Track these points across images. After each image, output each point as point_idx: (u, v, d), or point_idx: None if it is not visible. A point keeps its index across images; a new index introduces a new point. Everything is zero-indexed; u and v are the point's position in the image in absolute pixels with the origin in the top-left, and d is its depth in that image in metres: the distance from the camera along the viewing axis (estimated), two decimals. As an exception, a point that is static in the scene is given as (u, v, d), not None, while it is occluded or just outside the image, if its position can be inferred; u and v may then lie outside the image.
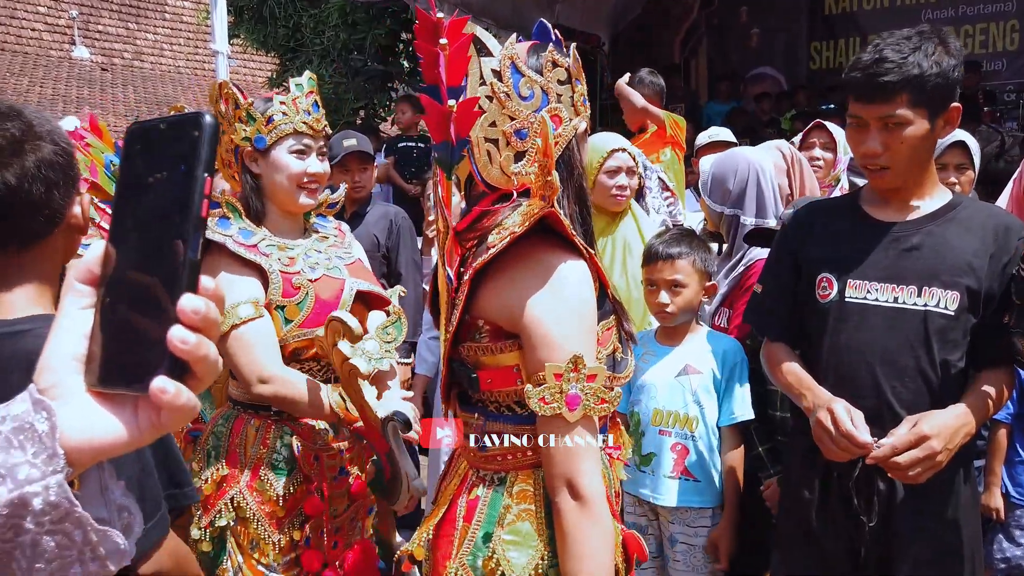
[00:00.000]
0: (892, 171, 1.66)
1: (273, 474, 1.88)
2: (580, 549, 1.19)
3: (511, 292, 1.23)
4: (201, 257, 0.55)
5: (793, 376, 1.75)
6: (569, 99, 1.30)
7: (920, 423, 1.54)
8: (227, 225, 1.89)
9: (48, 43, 15.84)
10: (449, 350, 1.33)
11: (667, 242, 2.23)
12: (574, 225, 1.29)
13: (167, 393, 0.53)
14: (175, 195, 0.55)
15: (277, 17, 8.10)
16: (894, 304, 1.67)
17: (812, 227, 1.82)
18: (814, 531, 1.75)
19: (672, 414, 2.19)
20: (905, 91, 1.59)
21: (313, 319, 1.86)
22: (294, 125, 1.90)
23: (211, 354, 0.55)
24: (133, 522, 0.62)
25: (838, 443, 1.57)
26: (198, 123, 0.56)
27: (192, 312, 0.53)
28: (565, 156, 1.31)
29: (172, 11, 17.68)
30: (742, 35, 8.77)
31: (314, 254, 1.96)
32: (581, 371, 1.19)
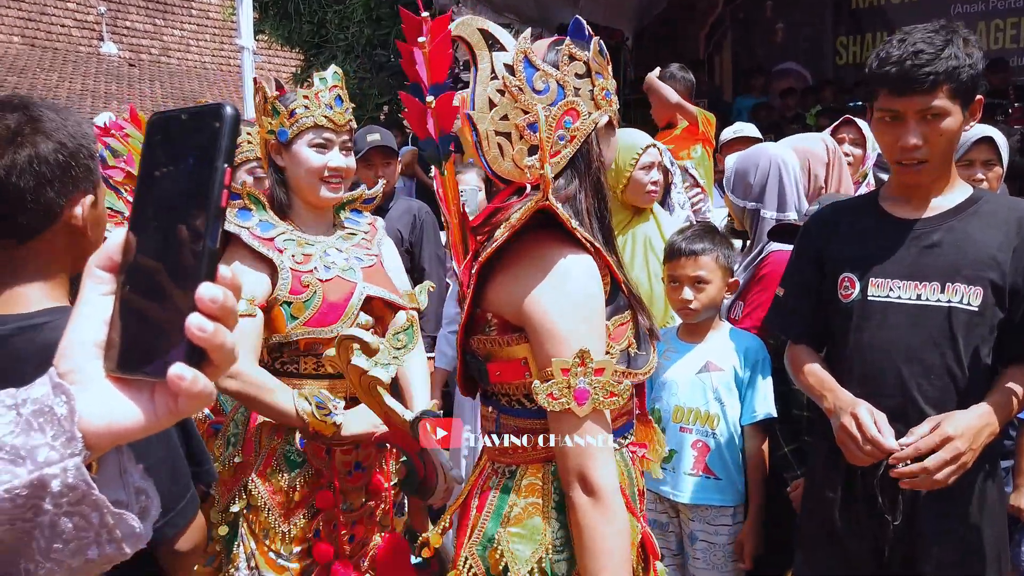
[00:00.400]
0: (930, 164, 1.65)
1: (285, 465, 1.91)
2: (594, 544, 1.19)
3: (516, 286, 1.25)
4: (222, 247, 0.56)
5: (814, 377, 1.75)
6: (588, 93, 1.30)
7: (943, 424, 1.53)
8: (247, 216, 1.91)
9: (77, 39, 16.05)
10: (462, 342, 1.35)
11: (690, 238, 2.22)
12: (590, 219, 1.29)
13: (184, 380, 0.54)
14: (195, 185, 0.56)
15: (302, 13, 8.14)
16: (917, 301, 1.66)
17: (833, 227, 1.81)
18: (837, 531, 1.74)
19: (693, 411, 2.19)
20: (945, 83, 1.58)
21: (319, 319, 1.87)
22: (315, 119, 1.91)
23: (228, 342, 0.56)
24: (151, 505, 0.63)
25: (863, 449, 1.56)
26: (219, 114, 0.56)
27: (210, 300, 0.54)
28: (583, 150, 1.30)
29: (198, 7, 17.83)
30: (767, 30, 8.70)
31: (333, 253, 1.97)
32: (588, 365, 1.19)
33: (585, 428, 1.21)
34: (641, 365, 1.32)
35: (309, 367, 1.92)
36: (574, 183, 1.30)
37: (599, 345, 1.22)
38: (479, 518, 1.34)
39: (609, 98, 1.32)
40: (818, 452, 1.85)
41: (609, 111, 1.33)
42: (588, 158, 1.32)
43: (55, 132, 1.16)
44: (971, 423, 1.54)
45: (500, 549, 1.29)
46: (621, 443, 1.37)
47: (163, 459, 1.19)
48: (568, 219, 1.22)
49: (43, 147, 1.15)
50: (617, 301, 1.31)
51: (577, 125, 1.29)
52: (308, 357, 1.91)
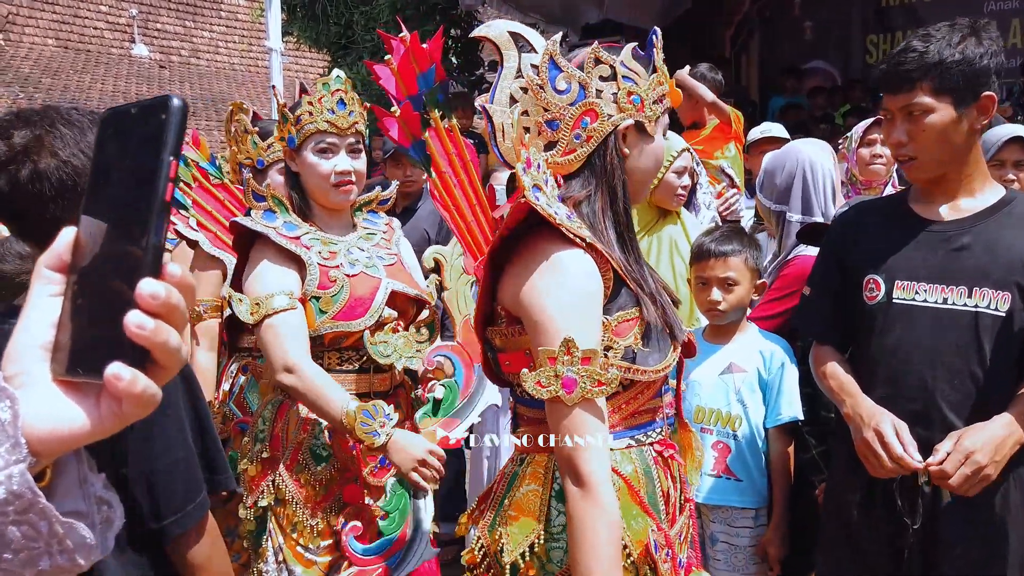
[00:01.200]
0: (919, 161, 1.65)
1: (312, 459, 1.96)
2: (581, 534, 1.21)
3: (516, 280, 1.30)
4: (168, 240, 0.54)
5: (835, 381, 1.75)
6: (611, 95, 1.33)
7: (964, 439, 1.53)
8: (272, 218, 1.98)
9: (109, 41, 16.31)
10: (480, 333, 1.42)
11: (719, 239, 2.22)
12: (603, 218, 1.34)
13: (122, 380, 0.52)
14: (141, 179, 0.54)
15: (329, 14, 8.21)
16: (943, 305, 1.64)
17: (859, 228, 1.80)
18: (857, 534, 1.74)
19: (714, 412, 2.18)
20: (924, 79, 1.58)
21: (346, 313, 1.93)
22: (317, 124, 1.95)
23: (172, 341, 0.54)
24: (114, 516, 0.61)
25: (886, 466, 1.57)
26: (166, 107, 0.55)
27: (150, 296, 0.52)
28: (600, 150, 1.34)
29: (228, 9, 18.04)
30: (795, 28, 8.61)
31: (356, 251, 2.02)
32: (574, 354, 1.21)
33: (575, 417, 1.23)
34: (652, 364, 1.33)
35: (333, 362, 1.98)
36: (591, 183, 1.35)
37: (588, 336, 1.24)
38: (491, 501, 1.41)
39: (637, 103, 1.34)
40: (838, 455, 1.84)
41: (637, 116, 1.35)
42: (605, 159, 1.35)
43: (62, 149, 1.19)
44: (993, 436, 1.53)
45: (499, 530, 1.35)
46: (642, 440, 1.38)
47: (177, 461, 1.22)
48: (553, 216, 1.25)
49: (44, 164, 1.18)
50: (621, 298, 1.33)
51: (595, 126, 1.33)
52: (332, 352, 1.97)
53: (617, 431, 1.35)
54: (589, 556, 1.20)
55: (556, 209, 1.28)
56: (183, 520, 1.23)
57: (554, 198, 1.31)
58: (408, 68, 1.77)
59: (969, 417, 1.61)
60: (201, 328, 2.60)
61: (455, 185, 1.89)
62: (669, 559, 1.34)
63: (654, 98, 1.36)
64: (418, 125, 1.80)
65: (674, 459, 1.43)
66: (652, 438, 1.40)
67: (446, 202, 1.88)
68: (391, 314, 2.00)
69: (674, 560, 1.35)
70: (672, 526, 1.40)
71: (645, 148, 1.38)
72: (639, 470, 1.36)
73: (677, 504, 1.44)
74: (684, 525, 1.44)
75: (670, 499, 1.41)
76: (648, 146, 1.38)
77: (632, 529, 1.31)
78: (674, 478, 1.43)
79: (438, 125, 1.86)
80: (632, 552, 1.30)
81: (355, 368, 1.99)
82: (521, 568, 1.31)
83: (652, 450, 1.39)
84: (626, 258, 1.35)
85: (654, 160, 1.39)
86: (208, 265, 2.62)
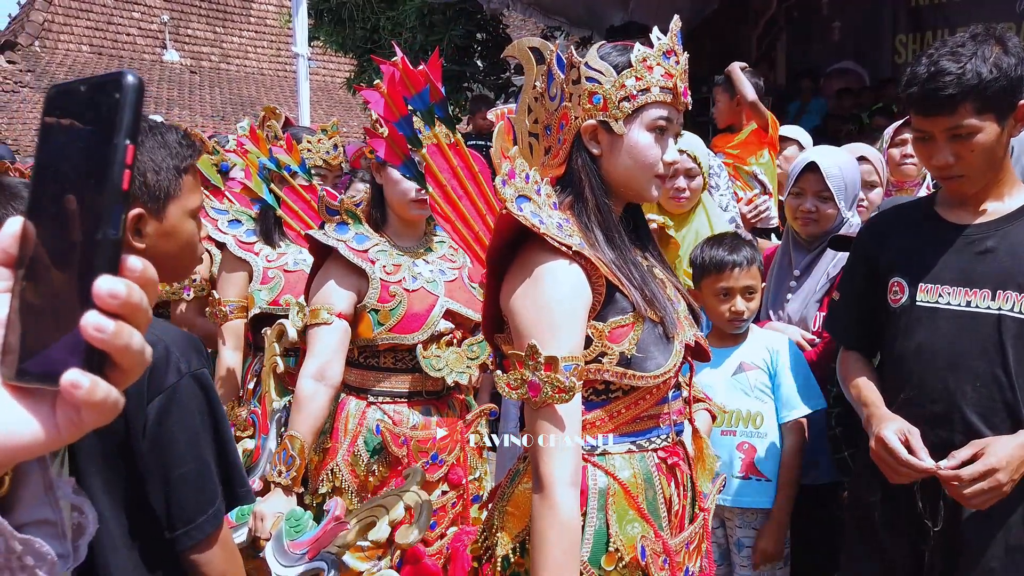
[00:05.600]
0: (968, 178, 1.63)
1: (365, 451, 2.09)
2: (537, 535, 1.24)
3: (508, 288, 1.34)
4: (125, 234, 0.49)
5: (857, 390, 1.74)
6: (578, 98, 1.36)
7: (987, 454, 1.51)
8: (344, 230, 2.11)
9: (141, 47, 16.59)
10: (490, 339, 1.47)
11: (733, 249, 2.21)
12: (589, 221, 1.37)
13: (80, 389, 0.47)
14: (93, 166, 0.49)
15: (355, 19, 8.27)
16: (967, 308, 1.63)
17: (886, 232, 1.79)
18: (878, 535, 1.73)
19: (734, 413, 2.18)
20: (967, 101, 1.54)
21: (402, 326, 2.08)
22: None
23: (134, 343, 0.49)
24: (86, 522, 0.58)
25: (897, 471, 1.56)
26: (119, 84, 0.49)
27: (108, 295, 0.47)
28: (574, 153, 1.39)
29: (257, 15, 18.27)
30: (823, 29, 8.52)
31: (421, 264, 2.17)
32: (538, 359, 1.24)
33: (541, 421, 1.26)
34: (651, 369, 1.33)
35: (388, 361, 2.14)
36: (572, 186, 1.39)
37: (552, 344, 1.25)
38: (498, 496, 1.46)
39: (599, 103, 1.35)
40: (860, 456, 1.83)
41: (599, 116, 1.35)
42: (577, 162, 1.39)
43: None
44: (1015, 453, 1.51)
45: (494, 524, 1.40)
46: (643, 446, 1.39)
47: (189, 472, 1.22)
48: (537, 226, 1.28)
49: None
50: (616, 303, 1.33)
51: (567, 129, 1.38)
52: (387, 354, 2.14)
53: (616, 436, 1.37)
54: (540, 555, 1.23)
55: (545, 217, 1.30)
56: (194, 531, 1.23)
57: (548, 206, 1.34)
58: (397, 90, 1.90)
59: (991, 420, 1.59)
60: (227, 328, 2.64)
61: (460, 197, 1.97)
62: (667, 567, 1.34)
63: (622, 96, 1.34)
64: (405, 144, 1.93)
65: (679, 467, 1.43)
66: (655, 444, 1.40)
67: (447, 214, 1.96)
68: (448, 326, 2.13)
69: (674, 569, 1.35)
70: (677, 534, 1.40)
71: (618, 146, 1.37)
72: (639, 476, 1.37)
73: (686, 513, 1.44)
74: (696, 534, 1.44)
75: (672, 506, 1.41)
76: (622, 143, 1.37)
77: (626, 534, 1.32)
78: (679, 485, 1.43)
79: (439, 141, 1.92)
80: (624, 556, 1.31)
81: (408, 367, 2.13)
82: (512, 561, 1.35)
83: (655, 456, 1.40)
84: (619, 258, 1.36)
85: (632, 157, 1.37)
86: (235, 267, 2.67)
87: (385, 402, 2.12)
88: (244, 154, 2.73)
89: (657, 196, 1.43)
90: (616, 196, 1.41)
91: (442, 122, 1.95)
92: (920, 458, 1.55)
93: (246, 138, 2.75)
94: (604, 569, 1.31)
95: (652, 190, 1.40)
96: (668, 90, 1.36)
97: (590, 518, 1.33)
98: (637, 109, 1.35)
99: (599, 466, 1.36)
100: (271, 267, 2.66)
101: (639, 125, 1.36)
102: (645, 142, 1.36)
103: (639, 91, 1.34)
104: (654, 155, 1.37)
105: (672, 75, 1.36)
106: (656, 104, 1.36)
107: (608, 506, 1.34)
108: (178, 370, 1.21)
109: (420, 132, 1.93)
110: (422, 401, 2.16)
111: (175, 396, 1.20)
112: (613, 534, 1.32)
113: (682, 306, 1.47)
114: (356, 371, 2.14)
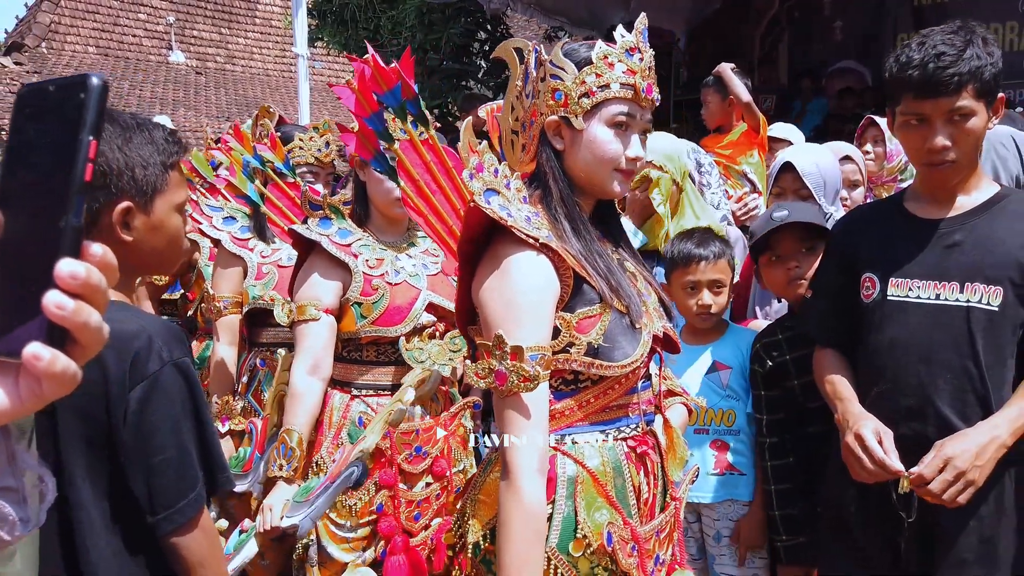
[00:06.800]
0: (958, 164, 1.65)
1: (350, 443, 2.08)
2: (501, 522, 1.28)
3: (477, 281, 1.38)
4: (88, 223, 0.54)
5: (831, 386, 1.77)
6: (544, 94, 1.41)
7: (944, 446, 1.54)
8: (328, 225, 2.14)
9: (147, 48, 16.66)
10: (463, 331, 1.50)
11: (702, 242, 2.22)
12: (557, 212, 1.40)
13: (41, 360, 0.52)
14: (59, 158, 0.54)
15: (358, 20, 8.32)
16: (936, 301, 1.65)
17: (858, 230, 1.82)
18: (853, 528, 1.75)
19: (707, 412, 2.20)
20: (970, 83, 1.58)
21: (384, 319, 2.10)
22: None
23: (92, 321, 0.53)
24: (47, 490, 0.62)
25: (867, 470, 1.59)
26: (85, 85, 0.55)
27: (69, 277, 0.52)
28: (540, 149, 1.43)
29: (262, 16, 18.33)
30: (825, 28, 8.52)
31: (404, 258, 2.19)
32: (504, 349, 1.27)
33: (508, 410, 1.29)
34: (619, 359, 1.36)
35: (371, 355, 2.16)
36: (539, 180, 1.43)
37: (519, 333, 1.28)
38: (471, 485, 1.49)
39: (560, 99, 1.39)
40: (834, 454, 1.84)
41: (560, 112, 1.39)
42: (543, 156, 1.43)
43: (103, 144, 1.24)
44: (973, 441, 1.53)
45: (466, 512, 1.43)
46: (613, 435, 1.42)
47: (170, 458, 1.26)
48: (504, 218, 1.31)
49: None
50: (583, 294, 1.37)
51: (535, 125, 1.42)
52: (370, 347, 2.16)
53: (585, 425, 1.39)
54: (505, 542, 1.26)
55: (514, 211, 1.33)
56: (175, 515, 1.26)
57: (518, 200, 1.37)
58: (368, 86, 1.96)
59: (964, 413, 1.61)
60: (222, 323, 2.68)
61: (434, 192, 2.01)
62: (636, 554, 1.36)
63: (581, 92, 1.38)
64: (375, 139, 2.00)
65: (649, 456, 1.45)
66: (625, 433, 1.43)
67: (420, 209, 2.01)
68: (430, 319, 2.15)
69: (643, 556, 1.37)
70: (647, 522, 1.42)
71: (578, 141, 1.41)
72: (608, 464, 1.39)
73: (657, 501, 1.46)
74: (666, 523, 1.46)
75: (642, 495, 1.43)
76: (582, 138, 1.40)
77: (594, 521, 1.35)
78: (649, 474, 1.45)
79: (412, 136, 1.96)
80: (592, 543, 1.34)
81: (391, 360, 2.15)
82: (483, 548, 1.38)
83: (624, 445, 1.42)
84: (585, 249, 1.39)
85: (591, 152, 1.40)
86: (230, 262, 2.71)
87: (368, 395, 2.14)
88: (228, 152, 2.77)
89: (620, 191, 1.45)
90: (582, 191, 1.45)
91: (415, 118, 1.98)
92: (891, 460, 1.57)
93: (229, 135, 2.79)
94: (572, 555, 1.34)
95: (614, 185, 1.43)
96: (629, 86, 1.39)
97: (559, 505, 1.35)
98: (596, 105, 1.38)
99: (568, 454, 1.38)
100: (265, 263, 2.69)
101: (598, 121, 1.39)
102: (604, 137, 1.39)
103: (598, 87, 1.38)
104: (613, 150, 1.40)
105: (635, 72, 1.39)
106: (616, 100, 1.39)
107: (577, 494, 1.36)
108: (160, 358, 1.25)
109: (391, 127, 1.97)
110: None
111: (157, 384, 1.24)
112: (581, 521, 1.35)
113: (652, 299, 1.50)
114: (340, 364, 2.17)
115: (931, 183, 1.73)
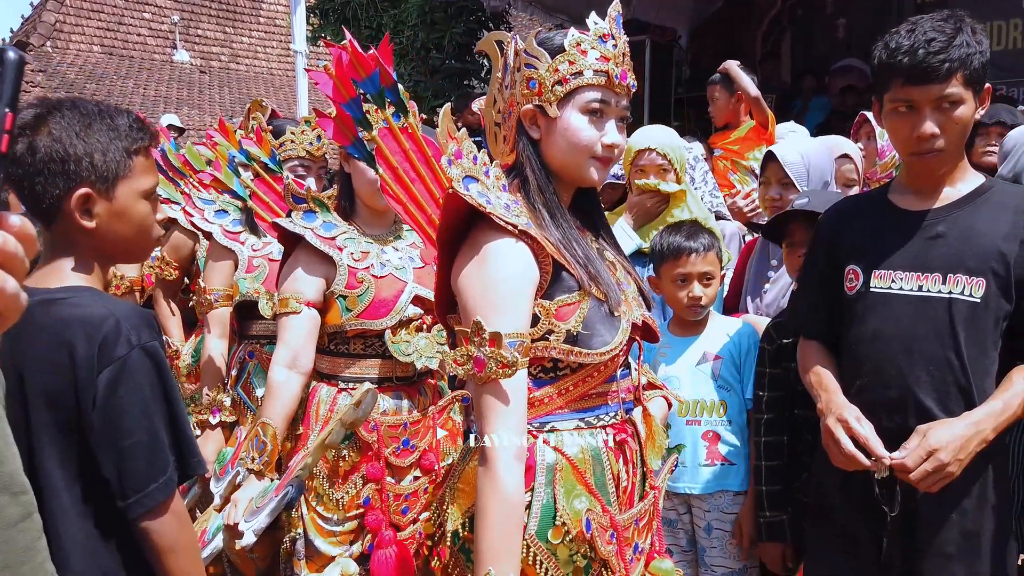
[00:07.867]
0: (945, 153, 1.64)
1: None
2: (480, 506, 1.27)
3: (456, 268, 1.37)
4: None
5: (815, 377, 1.76)
6: (519, 84, 1.41)
7: (929, 435, 1.53)
8: (312, 218, 2.13)
9: (152, 47, 16.70)
10: (443, 319, 1.49)
11: (691, 235, 2.22)
12: (535, 201, 1.39)
13: None
14: None
15: (360, 18, 8.33)
16: (919, 293, 1.64)
17: (843, 222, 1.81)
18: (838, 520, 1.74)
19: (699, 403, 2.19)
20: (959, 70, 1.57)
21: (370, 312, 2.09)
22: None
23: (8, 287, 0.55)
24: None
25: (848, 456, 1.58)
26: (1, 59, 0.56)
27: None
28: (518, 138, 1.42)
29: (266, 15, 18.36)
30: (828, 26, 8.49)
31: (390, 251, 2.18)
32: (482, 335, 1.26)
33: (486, 396, 1.29)
34: (597, 347, 1.36)
35: (357, 347, 2.15)
36: (517, 169, 1.43)
37: (498, 320, 1.28)
38: (450, 474, 1.48)
39: (535, 87, 1.38)
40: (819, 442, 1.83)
41: (534, 100, 1.39)
42: (519, 146, 1.42)
43: (62, 131, 1.27)
44: (957, 433, 1.52)
45: (447, 500, 1.41)
46: (592, 423, 1.41)
47: (140, 442, 1.25)
48: (483, 205, 1.30)
49: (39, 142, 1.26)
50: (562, 282, 1.36)
51: (513, 115, 1.42)
52: (357, 340, 2.14)
53: (564, 412, 1.39)
54: (482, 529, 1.26)
55: (493, 198, 1.32)
56: (145, 499, 1.25)
57: (497, 188, 1.36)
58: (346, 73, 1.95)
59: (946, 404, 1.60)
60: (213, 316, 2.68)
61: (413, 180, 2.01)
62: (615, 542, 1.36)
63: (554, 80, 1.37)
64: (353, 125, 1.98)
65: (628, 444, 1.45)
66: (604, 421, 1.42)
67: (398, 196, 2.00)
68: (416, 312, 2.14)
69: (622, 543, 1.37)
70: (626, 510, 1.42)
71: (553, 129, 1.40)
72: (587, 452, 1.39)
73: (636, 490, 1.46)
74: (646, 511, 1.46)
75: (621, 483, 1.43)
76: (556, 126, 1.40)
77: (573, 509, 1.34)
78: (628, 462, 1.44)
79: (391, 124, 1.95)
80: (571, 530, 1.33)
81: (378, 353, 2.14)
82: (462, 536, 1.37)
83: (604, 433, 1.42)
84: (564, 237, 1.38)
85: (566, 140, 1.39)
86: (221, 255, 2.71)
87: (355, 388, 2.11)
88: (214, 146, 2.78)
89: (597, 178, 1.44)
90: (560, 180, 1.44)
91: (394, 106, 1.97)
92: (874, 442, 1.56)
93: (215, 131, 2.79)
94: (551, 542, 1.33)
95: (591, 172, 1.42)
96: (602, 73, 1.38)
97: (538, 493, 1.35)
98: (570, 92, 1.37)
99: (547, 442, 1.37)
100: (256, 256, 2.69)
101: (572, 108, 1.39)
102: (578, 124, 1.39)
103: (571, 74, 1.37)
104: (588, 137, 1.39)
105: (608, 58, 1.38)
106: (590, 87, 1.38)
107: (556, 481, 1.35)
108: (128, 342, 1.24)
109: (372, 118, 1.96)
110: (393, 387, 2.17)
111: (125, 367, 1.23)
112: (560, 508, 1.34)
113: (632, 288, 1.49)
114: (326, 358, 2.16)
115: (917, 173, 1.71)
